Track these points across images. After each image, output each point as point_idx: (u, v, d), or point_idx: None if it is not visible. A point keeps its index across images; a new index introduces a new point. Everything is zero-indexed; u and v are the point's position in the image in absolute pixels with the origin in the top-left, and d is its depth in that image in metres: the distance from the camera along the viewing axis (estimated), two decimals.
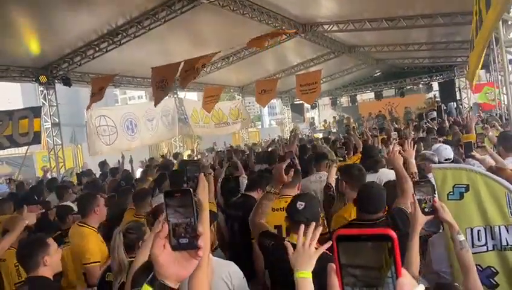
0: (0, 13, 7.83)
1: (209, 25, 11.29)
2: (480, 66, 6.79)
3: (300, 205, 2.50)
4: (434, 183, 2.55)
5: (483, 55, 6.16)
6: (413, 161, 3.09)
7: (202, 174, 2.00)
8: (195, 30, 11.24)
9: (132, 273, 2.17)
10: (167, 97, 12.34)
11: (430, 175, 3.32)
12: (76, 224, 3.87)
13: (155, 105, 10.58)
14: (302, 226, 1.77)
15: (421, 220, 2.15)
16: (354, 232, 0.70)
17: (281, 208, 3.36)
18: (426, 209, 2.10)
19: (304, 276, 1.70)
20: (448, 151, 4.80)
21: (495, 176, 2.49)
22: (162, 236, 1.00)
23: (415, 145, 3.41)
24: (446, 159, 4.66)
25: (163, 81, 9.46)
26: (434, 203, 2.09)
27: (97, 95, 10.14)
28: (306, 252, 1.70)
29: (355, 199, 2.92)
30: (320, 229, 1.76)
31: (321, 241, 1.79)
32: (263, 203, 2.95)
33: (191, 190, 1.01)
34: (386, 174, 4.40)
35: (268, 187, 3.02)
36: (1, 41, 9.10)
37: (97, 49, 10.65)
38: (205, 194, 1.97)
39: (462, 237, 2.09)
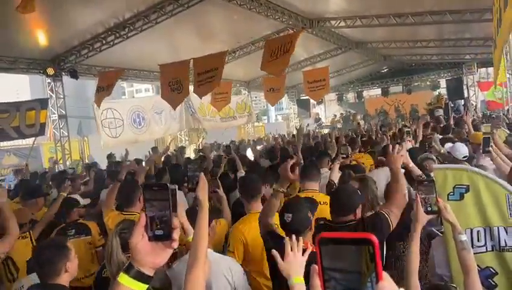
0: (8, 5, 7.87)
1: (216, 20, 11.28)
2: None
3: (288, 217, 2.49)
4: (436, 182, 2.56)
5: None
6: (413, 165, 3.03)
7: (202, 173, 2.03)
8: (202, 24, 11.23)
9: None
10: None
11: (432, 174, 3.32)
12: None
13: (174, 108, 10.60)
14: (287, 239, 1.85)
15: (423, 219, 2.16)
16: (336, 236, 0.72)
17: None
18: (429, 209, 2.11)
19: (299, 281, 1.80)
20: (465, 149, 4.82)
21: (496, 177, 2.49)
22: (141, 226, 1.06)
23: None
24: (464, 157, 4.68)
25: (177, 83, 9.39)
26: (438, 203, 2.09)
27: (105, 90, 10.16)
28: (296, 259, 1.78)
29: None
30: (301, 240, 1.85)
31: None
32: (272, 202, 2.97)
33: (168, 185, 1.06)
34: (376, 174, 4.40)
35: (276, 186, 3.06)
36: (9, 33, 9.16)
37: (104, 42, 10.69)
38: (205, 193, 2.01)
39: (464, 237, 2.10)
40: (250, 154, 9.62)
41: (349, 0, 11.22)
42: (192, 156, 12.40)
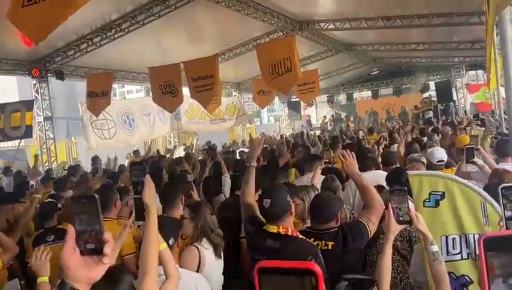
0: None
1: (205, 21, 11.22)
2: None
3: (266, 203, 2.46)
4: (412, 189, 2.53)
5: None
6: (357, 173, 2.87)
7: (148, 176, 1.96)
8: (190, 26, 11.17)
9: None
10: None
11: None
12: None
13: (170, 112, 10.39)
14: None
15: (394, 229, 2.13)
16: (276, 265, 0.67)
17: None
18: (401, 218, 2.07)
19: None
20: (440, 152, 4.78)
21: (471, 184, 2.45)
22: (70, 240, 1.00)
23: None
24: (438, 161, 4.63)
25: (170, 86, 9.24)
26: (409, 212, 2.06)
27: (100, 97, 10.05)
28: None
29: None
30: None
31: None
32: (247, 179, 3.00)
33: (96, 196, 1.01)
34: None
35: (247, 162, 3.06)
36: None
37: (90, 43, 10.56)
38: (151, 197, 1.93)
39: (435, 248, 2.05)
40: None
41: (338, 2, 11.24)
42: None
